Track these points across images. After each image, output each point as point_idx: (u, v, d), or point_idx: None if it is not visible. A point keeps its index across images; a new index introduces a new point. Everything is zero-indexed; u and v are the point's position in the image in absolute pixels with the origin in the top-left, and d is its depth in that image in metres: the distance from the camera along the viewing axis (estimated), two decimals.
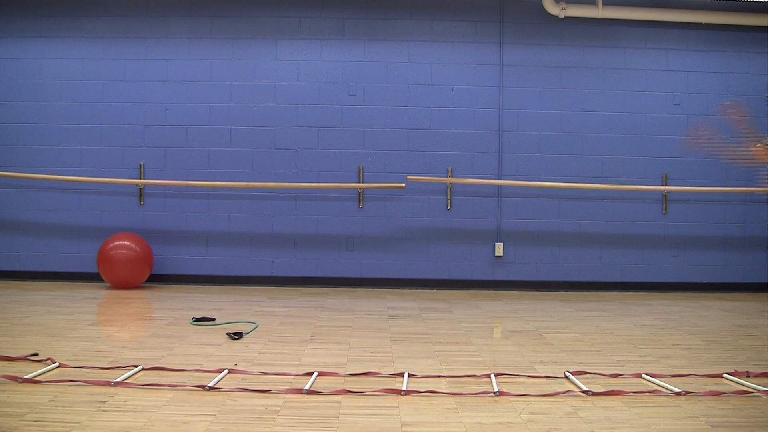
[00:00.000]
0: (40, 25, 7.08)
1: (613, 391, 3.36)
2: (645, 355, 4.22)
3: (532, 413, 3.03)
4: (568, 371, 3.67)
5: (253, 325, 4.90)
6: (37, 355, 3.81)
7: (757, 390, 3.37)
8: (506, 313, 5.80)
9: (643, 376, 3.66)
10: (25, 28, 7.08)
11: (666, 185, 7.14)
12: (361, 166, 7.04)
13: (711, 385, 3.48)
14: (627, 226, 7.18)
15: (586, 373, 3.68)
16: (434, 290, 7.00)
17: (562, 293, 6.95)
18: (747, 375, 3.66)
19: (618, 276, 7.16)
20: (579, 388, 3.42)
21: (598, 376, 3.66)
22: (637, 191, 7.12)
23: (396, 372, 3.68)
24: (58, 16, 7.09)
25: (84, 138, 7.06)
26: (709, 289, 7.10)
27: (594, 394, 3.31)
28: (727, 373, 3.67)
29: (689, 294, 6.98)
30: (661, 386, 3.47)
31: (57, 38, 7.09)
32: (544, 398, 3.26)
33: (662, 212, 7.19)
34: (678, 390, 3.33)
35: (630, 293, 6.99)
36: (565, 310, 5.96)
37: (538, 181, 7.04)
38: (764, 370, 3.75)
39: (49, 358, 3.70)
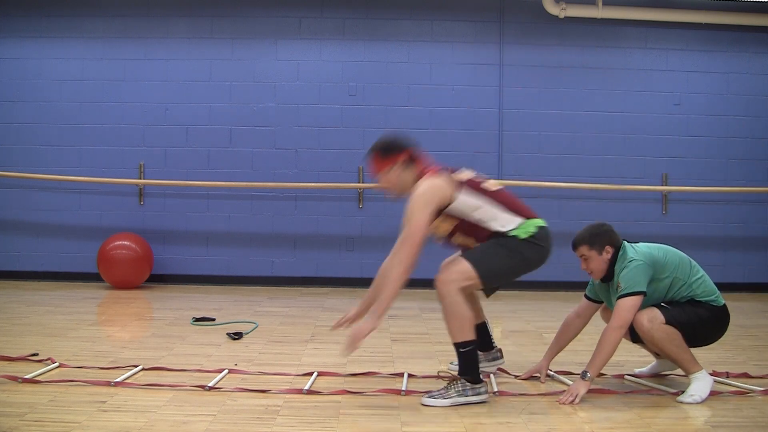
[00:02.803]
0: (40, 25, 7.08)
1: (609, 390, 3.36)
2: (645, 355, 4.21)
3: (532, 413, 3.03)
4: (550, 370, 3.67)
5: (253, 325, 4.90)
6: (37, 355, 3.81)
7: (751, 390, 3.36)
8: (506, 313, 5.80)
9: (626, 377, 3.65)
10: (25, 28, 7.07)
11: (666, 185, 7.14)
12: (361, 166, 7.04)
13: None
14: (627, 226, 7.15)
15: (569, 373, 3.67)
16: (434, 290, 6.97)
17: (562, 293, 6.94)
18: (727, 375, 3.65)
19: None
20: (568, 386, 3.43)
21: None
22: (637, 191, 7.12)
23: (396, 372, 3.68)
24: (58, 16, 7.08)
25: (84, 138, 7.05)
26: None
27: (589, 391, 3.32)
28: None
29: None
30: (647, 385, 3.46)
31: (57, 38, 7.09)
32: (544, 397, 3.26)
33: (662, 212, 7.18)
34: (674, 391, 3.33)
35: None
36: (565, 310, 5.91)
37: (538, 181, 7.04)
38: (745, 371, 3.74)
39: (49, 358, 3.70)
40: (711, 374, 3.64)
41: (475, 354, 3.16)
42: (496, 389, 3.36)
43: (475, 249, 3.21)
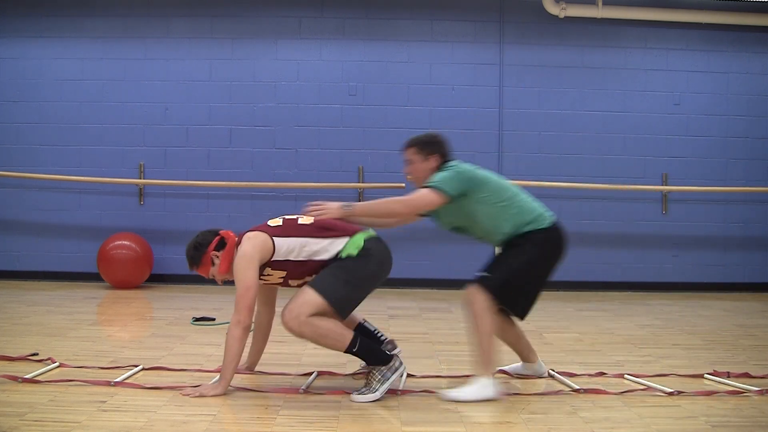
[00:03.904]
0: (40, 25, 7.08)
1: (609, 390, 3.35)
2: (645, 355, 4.22)
3: (532, 413, 3.03)
4: (551, 369, 3.67)
5: (253, 325, 4.89)
6: (37, 355, 3.81)
7: (748, 390, 3.36)
8: None
9: (626, 376, 3.64)
10: (25, 28, 7.07)
11: (666, 185, 7.13)
12: (361, 166, 7.04)
13: (694, 386, 3.46)
14: (627, 226, 7.17)
15: (572, 375, 3.66)
16: (434, 290, 6.99)
17: (562, 293, 6.94)
18: (728, 375, 3.65)
19: (618, 276, 7.15)
20: (569, 386, 3.42)
21: (583, 375, 3.66)
22: (637, 191, 7.11)
23: None
24: (58, 16, 7.08)
25: (84, 138, 7.05)
26: (709, 289, 7.09)
27: (586, 391, 3.31)
28: (707, 374, 3.66)
29: (689, 294, 6.97)
30: (650, 386, 3.45)
31: (57, 38, 7.09)
32: (544, 397, 3.26)
33: (662, 212, 7.18)
34: (670, 390, 3.32)
35: (630, 293, 6.98)
36: (565, 310, 5.96)
37: (538, 181, 7.04)
38: (745, 371, 3.73)
39: (49, 358, 3.70)
40: (711, 374, 3.65)
41: (365, 343, 3.20)
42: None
43: (317, 277, 3.22)
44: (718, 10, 7.05)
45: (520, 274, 3.29)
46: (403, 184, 6.87)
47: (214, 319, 5.07)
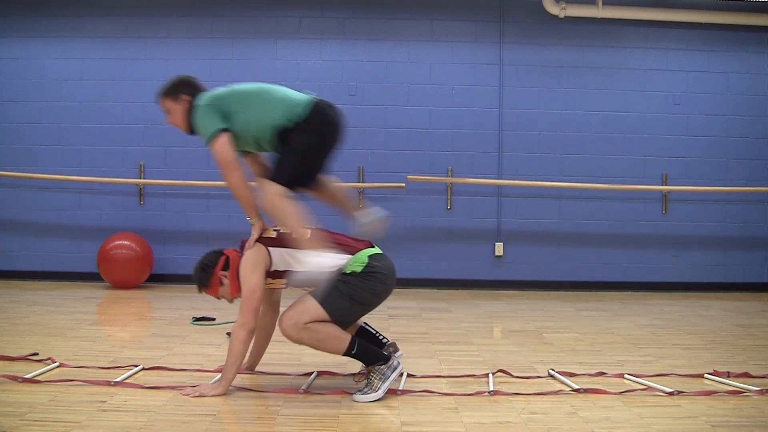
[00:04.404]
0: (40, 25, 7.08)
1: (609, 390, 3.35)
2: (645, 355, 4.22)
3: (532, 413, 3.03)
4: (551, 369, 3.67)
5: None
6: (37, 355, 3.81)
7: (748, 390, 3.36)
8: (506, 313, 5.80)
9: (626, 376, 3.64)
10: (25, 28, 7.07)
11: (666, 185, 7.13)
12: (361, 166, 7.04)
13: (694, 386, 3.46)
14: (627, 226, 7.17)
15: (572, 374, 3.66)
16: (434, 290, 6.99)
17: (562, 293, 6.95)
18: (728, 375, 3.65)
19: (618, 276, 7.15)
20: (569, 386, 3.42)
21: (583, 375, 3.66)
22: (637, 191, 7.12)
23: None
24: (58, 16, 7.08)
25: (84, 138, 7.05)
26: (709, 289, 7.09)
27: (586, 391, 3.31)
28: (707, 374, 3.66)
29: (689, 294, 6.98)
30: (650, 386, 3.44)
31: (57, 38, 7.09)
32: (544, 397, 3.26)
33: (662, 212, 7.18)
34: (670, 390, 3.32)
35: (630, 293, 6.98)
36: (565, 310, 5.96)
37: (538, 181, 7.04)
38: (745, 371, 3.73)
39: (49, 358, 3.70)
40: (711, 374, 3.65)
41: (363, 344, 3.21)
42: (491, 388, 3.36)
43: (318, 288, 3.21)
44: (718, 10, 7.05)
45: (300, 162, 3.54)
46: (403, 184, 6.88)
47: (214, 319, 5.07)
